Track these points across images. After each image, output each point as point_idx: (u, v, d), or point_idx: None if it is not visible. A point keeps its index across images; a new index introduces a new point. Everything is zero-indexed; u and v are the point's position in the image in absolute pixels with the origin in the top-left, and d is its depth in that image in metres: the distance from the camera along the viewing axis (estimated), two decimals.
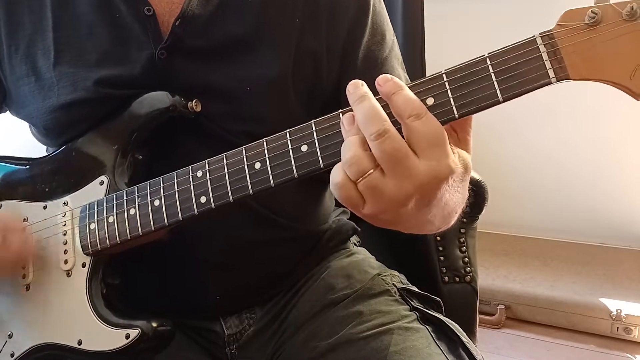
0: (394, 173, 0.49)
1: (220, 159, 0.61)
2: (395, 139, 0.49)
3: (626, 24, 0.46)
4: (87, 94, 0.72)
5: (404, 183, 0.49)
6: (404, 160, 0.48)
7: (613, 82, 0.48)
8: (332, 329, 0.75)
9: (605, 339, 1.82)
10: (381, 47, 0.77)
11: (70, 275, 0.71)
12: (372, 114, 0.49)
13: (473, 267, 0.99)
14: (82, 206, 0.71)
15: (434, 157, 0.49)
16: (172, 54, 0.71)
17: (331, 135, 0.55)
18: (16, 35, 0.76)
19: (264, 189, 0.59)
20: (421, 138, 0.49)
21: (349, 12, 0.74)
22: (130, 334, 0.66)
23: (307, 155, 0.56)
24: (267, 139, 0.59)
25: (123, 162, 0.72)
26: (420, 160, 0.49)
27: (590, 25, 0.47)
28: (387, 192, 0.49)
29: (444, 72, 0.52)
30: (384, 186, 0.49)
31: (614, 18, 0.47)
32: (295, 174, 0.57)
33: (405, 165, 0.48)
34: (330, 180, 0.51)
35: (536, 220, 2.29)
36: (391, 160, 0.48)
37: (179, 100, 0.70)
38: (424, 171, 0.48)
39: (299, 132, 0.57)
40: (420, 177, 0.49)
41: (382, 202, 0.50)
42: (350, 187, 0.50)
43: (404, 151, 0.48)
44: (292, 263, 0.83)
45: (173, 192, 0.64)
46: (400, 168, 0.48)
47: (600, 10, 0.47)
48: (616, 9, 0.47)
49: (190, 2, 0.71)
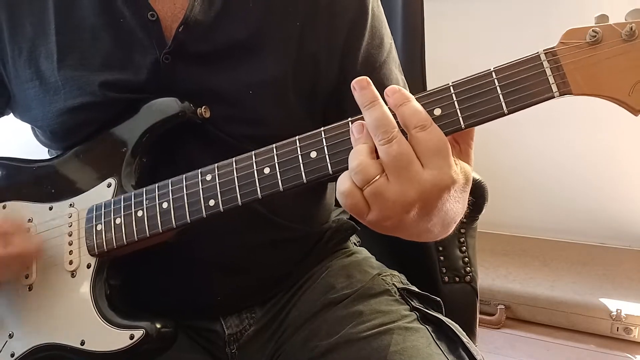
0: (398, 178, 0.50)
1: (230, 164, 0.62)
2: (402, 144, 0.51)
3: (625, 43, 0.49)
4: (94, 98, 0.72)
5: (408, 190, 0.50)
6: (409, 166, 0.50)
7: (613, 98, 0.50)
8: (332, 329, 0.76)
9: (605, 339, 1.82)
10: (380, 50, 0.78)
11: (75, 275, 0.71)
12: (382, 120, 0.51)
13: (473, 267, 0.99)
14: (89, 207, 0.71)
15: (437, 167, 0.51)
16: (176, 59, 0.71)
17: (340, 143, 0.57)
18: (18, 38, 0.76)
19: (273, 194, 0.60)
20: (426, 148, 0.51)
21: (348, 15, 0.75)
22: (135, 335, 0.67)
23: (316, 161, 0.57)
24: (276, 145, 0.60)
25: (130, 165, 0.72)
26: (425, 169, 0.51)
27: (591, 43, 0.50)
28: (391, 198, 0.51)
29: (451, 85, 0.53)
30: (388, 192, 0.51)
31: (613, 37, 0.49)
32: (304, 180, 0.58)
33: (409, 170, 0.50)
34: (337, 188, 0.53)
35: (536, 220, 2.29)
36: (397, 165, 0.50)
37: (188, 107, 0.70)
38: (427, 179, 0.50)
39: (309, 138, 0.58)
40: (423, 185, 0.50)
41: (386, 209, 0.51)
42: (357, 194, 0.52)
43: (410, 157, 0.50)
44: (292, 263, 0.83)
45: (181, 195, 0.65)
46: (405, 173, 0.50)
47: (601, 30, 0.49)
48: (616, 29, 0.49)
49: (194, 8, 0.71)
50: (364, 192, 0.51)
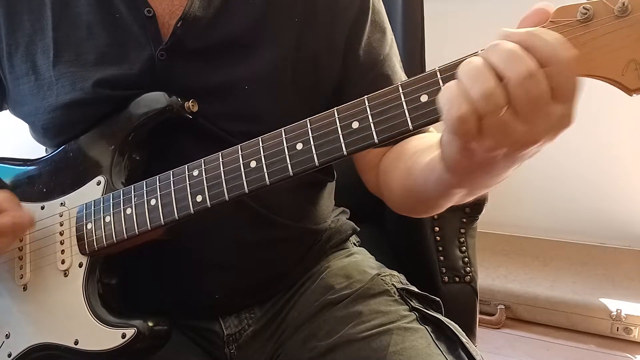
0: (531, 117, 0.45)
1: (216, 158, 0.62)
2: (544, 81, 0.44)
3: (617, 20, 0.47)
4: (85, 95, 0.72)
5: (538, 127, 0.45)
6: (545, 107, 0.44)
7: (605, 77, 0.48)
8: (332, 329, 0.75)
9: (605, 339, 1.81)
10: (382, 43, 0.78)
11: (67, 275, 0.71)
12: (516, 52, 0.44)
13: (473, 267, 0.99)
14: (79, 206, 0.71)
15: (571, 106, 0.46)
16: (172, 55, 0.71)
17: (326, 133, 0.56)
18: (16, 34, 0.76)
19: (260, 187, 0.59)
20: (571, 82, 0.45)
21: (348, 10, 0.75)
22: (127, 334, 0.66)
23: (302, 152, 0.57)
24: (262, 137, 0.59)
25: (120, 162, 0.72)
26: (557, 104, 0.45)
27: (582, 21, 0.47)
28: (517, 134, 0.45)
29: (437, 69, 0.51)
30: (516, 127, 0.45)
31: (605, 14, 0.47)
32: (290, 172, 0.57)
33: (546, 111, 0.45)
34: (446, 110, 0.46)
35: (536, 220, 2.29)
36: (534, 103, 0.44)
37: (176, 101, 0.70)
38: (558, 116, 0.45)
39: (294, 130, 0.57)
40: (553, 123, 0.45)
41: (506, 142, 0.46)
42: (474, 121, 0.45)
43: (548, 96, 0.44)
44: (291, 263, 0.83)
45: (169, 191, 0.64)
46: (540, 114, 0.44)
47: (592, 7, 0.47)
48: (608, 5, 0.47)
49: (192, 4, 0.71)
50: (484, 121, 0.44)
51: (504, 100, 0.44)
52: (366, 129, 0.54)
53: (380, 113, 0.53)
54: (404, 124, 0.52)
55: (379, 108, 0.53)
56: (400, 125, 0.53)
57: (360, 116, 0.54)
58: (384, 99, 0.53)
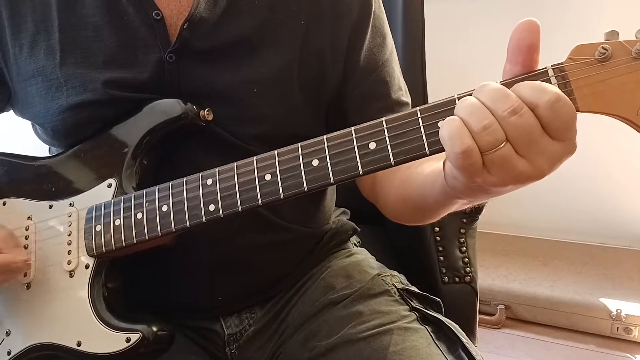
0: (528, 150, 0.47)
1: (231, 168, 0.61)
2: (531, 115, 0.46)
3: (635, 61, 0.48)
4: (96, 95, 0.72)
5: (538, 160, 0.47)
6: (539, 139, 0.47)
7: (620, 116, 0.49)
8: (332, 329, 0.75)
9: (605, 339, 1.81)
10: (382, 49, 0.78)
11: (73, 276, 0.71)
12: (501, 92, 0.47)
13: (473, 267, 1.00)
14: (89, 207, 0.71)
15: (568, 138, 0.48)
16: (180, 57, 0.71)
17: (342, 152, 0.56)
18: (20, 35, 0.75)
19: (274, 201, 0.59)
20: (562, 121, 0.47)
21: (351, 14, 0.75)
22: (131, 338, 0.66)
23: (317, 169, 0.57)
24: (278, 151, 0.59)
25: (132, 166, 0.71)
26: (555, 141, 0.47)
27: (600, 60, 0.49)
28: (518, 169, 0.47)
29: (456, 97, 0.52)
30: (516, 163, 0.47)
31: (623, 55, 0.48)
32: (305, 188, 0.57)
33: (540, 143, 0.47)
34: (449, 145, 0.48)
35: (536, 220, 2.29)
36: (526, 138, 0.46)
37: (191, 109, 0.70)
38: (558, 150, 0.48)
39: (311, 146, 0.57)
40: (554, 155, 0.48)
41: (509, 178, 0.48)
42: (477, 156, 0.47)
43: (539, 130, 0.47)
44: (292, 263, 0.83)
45: (182, 198, 0.64)
46: (534, 146, 0.47)
47: (611, 47, 0.48)
48: (626, 46, 0.48)
49: (198, 6, 0.71)
50: (486, 156, 0.47)
51: (502, 134, 0.46)
52: (383, 151, 0.54)
53: (397, 136, 0.54)
54: (420, 148, 0.53)
55: (397, 131, 0.54)
56: (417, 149, 0.53)
57: (378, 137, 0.55)
58: (402, 121, 0.54)
